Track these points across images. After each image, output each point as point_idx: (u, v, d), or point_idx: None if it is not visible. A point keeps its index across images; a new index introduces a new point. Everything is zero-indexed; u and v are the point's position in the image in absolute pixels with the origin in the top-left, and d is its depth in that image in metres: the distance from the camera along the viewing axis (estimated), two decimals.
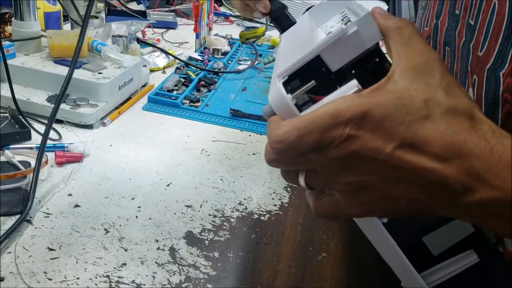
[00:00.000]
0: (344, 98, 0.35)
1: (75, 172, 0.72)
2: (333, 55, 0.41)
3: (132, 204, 0.66)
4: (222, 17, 1.60)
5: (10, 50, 0.89)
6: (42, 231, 0.59)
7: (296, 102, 0.40)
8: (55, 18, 1.12)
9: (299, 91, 0.41)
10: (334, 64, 0.40)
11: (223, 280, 0.56)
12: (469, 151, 0.33)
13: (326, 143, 0.35)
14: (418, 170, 0.34)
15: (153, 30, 1.40)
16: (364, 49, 0.40)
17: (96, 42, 0.97)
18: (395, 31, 0.38)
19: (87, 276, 0.54)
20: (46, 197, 0.66)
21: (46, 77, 0.87)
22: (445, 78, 0.36)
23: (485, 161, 0.33)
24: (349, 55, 0.40)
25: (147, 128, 0.88)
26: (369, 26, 0.40)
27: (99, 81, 0.87)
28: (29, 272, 0.53)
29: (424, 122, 0.34)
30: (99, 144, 0.80)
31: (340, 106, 0.35)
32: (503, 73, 0.45)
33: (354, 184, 0.36)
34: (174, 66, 1.15)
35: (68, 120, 0.84)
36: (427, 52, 0.37)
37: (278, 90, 0.40)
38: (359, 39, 0.40)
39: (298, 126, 0.35)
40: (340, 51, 0.40)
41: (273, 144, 0.37)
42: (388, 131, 0.34)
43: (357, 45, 0.40)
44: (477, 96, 0.47)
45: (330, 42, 0.40)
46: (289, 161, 0.38)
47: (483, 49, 0.47)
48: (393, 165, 0.34)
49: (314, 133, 0.35)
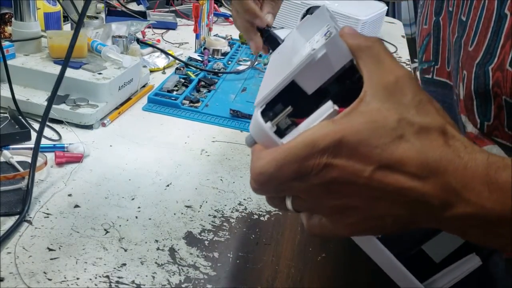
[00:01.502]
0: (319, 126, 0.36)
1: (75, 173, 0.72)
2: (306, 79, 0.41)
3: (132, 205, 0.66)
4: (222, 17, 1.61)
5: (10, 51, 0.89)
6: (42, 231, 0.59)
7: (276, 129, 0.41)
8: (55, 19, 1.12)
9: (277, 118, 0.41)
10: (309, 88, 0.41)
11: (223, 280, 0.56)
12: (444, 168, 0.34)
13: (305, 172, 0.35)
14: (397, 190, 0.34)
15: (153, 30, 1.40)
16: (336, 70, 0.41)
17: (96, 42, 0.97)
18: (364, 50, 0.39)
19: (87, 277, 0.54)
20: (46, 197, 0.66)
21: (46, 77, 0.87)
22: (416, 95, 0.36)
23: (460, 177, 0.34)
24: (322, 77, 0.41)
25: (147, 128, 0.88)
26: (338, 48, 0.40)
27: (99, 81, 0.87)
28: (29, 272, 0.53)
29: (398, 143, 0.34)
30: (99, 145, 0.80)
31: (316, 135, 0.35)
32: (491, 67, 0.45)
33: (338, 207, 0.37)
34: (174, 66, 1.15)
35: (68, 121, 0.84)
36: (397, 70, 0.37)
37: (257, 120, 0.41)
38: (329, 61, 0.40)
39: (276, 158, 0.36)
40: (313, 74, 0.41)
41: (254, 176, 0.38)
42: (364, 155, 0.34)
43: (328, 67, 0.41)
44: (466, 91, 0.48)
45: (301, 67, 0.40)
46: (272, 190, 0.39)
47: (473, 45, 0.47)
48: (373, 187, 0.35)
49: (292, 163, 0.36)
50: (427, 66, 0.58)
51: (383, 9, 1.56)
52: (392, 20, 1.91)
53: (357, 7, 1.47)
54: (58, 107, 0.83)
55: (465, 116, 0.48)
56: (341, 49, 0.40)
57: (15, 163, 0.70)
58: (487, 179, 0.34)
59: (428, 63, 0.58)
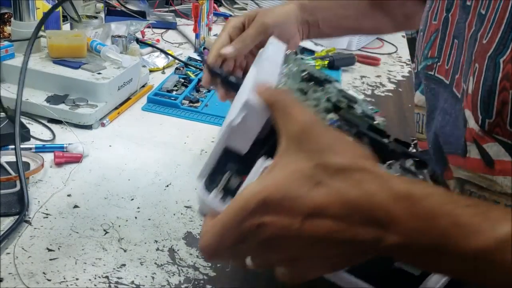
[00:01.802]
0: (248, 188, 0.38)
1: (74, 173, 0.72)
2: (235, 143, 0.44)
3: (131, 205, 0.66)
4: (221, 17, 1.60)
5: (9, 50, 0.89)
6: (41, 232, 0.59)
7: (224, 193, 0.44)
8: (54, 19, 1.12)
9: (219, 186, 0.44)
10: (242, 149, 0.44)
11: (223, 280, 0.56)
12: (368, 203, 0.35)
13: (244, 235, 0.37)
14: (328, 234, 0.36)
15: (152, 30, 1.40)
16: (259, 128, 0.43)
17: (95, 42, 0.97)
18: (273, 105, 0.41)
19: (86, 277, 0.54)
20: (45, 197, 0.65)
21: (45, 77, 0.87)
22: (325, 138, 0.38)
23: (384, 210, 0.35)
24: (248, 138, 0.43)
25: (147, 128, 0.88)
26: (253, 109, 0.42)
27: (98, 81, 0.86)
28: (28, 273, 0.53)
29: (317, 189, 0.36)
30: (98, 145, 0.80)
31: (245, 197, 0.37)
32: (503, 59, 0.45)
33: (285, 259, 0.39)
34: (173, 66, 1.15)
35: (67, 121, 0.84)
36: (302, 118, 0.39)
37: (198, 193, 0.44)
38: (249, 123, 0.43)
39: (216, 231, 0.38)
40: (239, 138, 0.43)
41: (201, 251, 0.40)
42: (290, 209, 0.36)
43: (251, 128, 0.43)
44: (475, 85, 0.47)
45: (226, 136, 0.43)
46: (225, 257, 0.41)
47: (487, 37, 0.47)
48: (306, 236, 0.36)
49: (230, 231, 0.38)
50: (431, 62, 0.58)
51: None
52: None
53: None
54: (57, 107, 0.83)
55: (470, 111, 0.48)
56: (257, 110, 0.42)
57: (5, 164, 0.69)
58: (411, 209, 0.34)
59: (432, 59, 0.58)
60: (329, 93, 0.53)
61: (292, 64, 0.58)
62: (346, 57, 1.29)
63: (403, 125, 1.01)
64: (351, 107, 0.52)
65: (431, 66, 0.58)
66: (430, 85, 0.58)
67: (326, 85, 0.55)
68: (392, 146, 0.46)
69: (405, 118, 1.05)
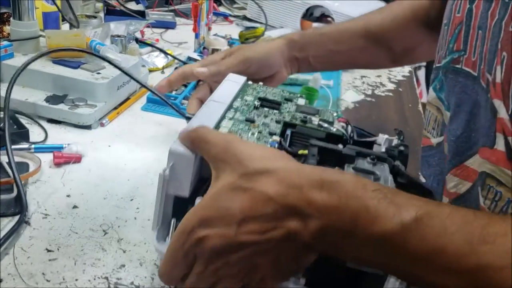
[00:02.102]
0: (187, 213, 0.42)
1: (74, 173, 0.71)
2: (174, 190, 0.48)
3: (131, 205, 0.66)
4: (221, 17, 1.60)
5: (9, 50, 0.89)
6: (40, 232, 0.59)
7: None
8: (53, 18, 1.12)
9: (170, 234, 0.49)
10: (183, 193, 0.48)
11: None
12: (287, 195, 0.38)
13: (189, 253, 0.41)
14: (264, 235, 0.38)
15: (152, 30, 1.40)
16: (191, 171, 0.47)
17: (94, 42, 0.97)
18: (194, 141, 0.46)
19: (86, 278, 0.53)
20: (44, 198, 0.65)
21: (44, 77, 0.87)
22: (243, 149, 0.42)
23: (303, 198, 0.37)
24: (185, 182, 0.47)
25: (146, 128, 0.87)
26: (179, 156, 0.46)
27: (98, 81, 0.86)
28: (27, 274, 0.53)
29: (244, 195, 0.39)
30: (98, 145, 0.80)
31: (184, 221, 0.41)
32: None
33: (240, 274, 0.40)
34: (173, 66, 1.15)
35: (66, 121, 0.83)
36: (219, 140, 0.44)
37: (154, 244, 0.49)
38: (179, 169, 0.47)
39: (166, 258, 0.43)
40: (175, 185, 0.48)
41: (162, 280, 0.45)
42: (224, 219, 0.39)
43: (183, 173, 0.47)
44: (505, 74, 0.47)
45: (161, 186, 0.48)
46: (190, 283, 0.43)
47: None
48: (245, 242, 0.39)
49: (177, 253, 0.41)
50: (457, 55, 0.57)
51: None
52: None
53: (357, 7, 1.46)
54: (57, 107, 0.83)
55: (500, 100, 0.47)
56: (183, 154, 0.46)
57: (6, 165, 0.68)
58: (326, 194, 0.37)
59: (458, 53, 0.57)
60: (284, 113, 0.58)
61: (249, 93, 0.63)
62: None
63: (403, 125, 1.01)
64: (304, 121, 0.56)
65: (458, 59, 0.57)
66: (457, 78, 0.57)
67: (284, 105, 0.60)
68: (346, 151, 0.49)
69: (405, 118, 1.05)
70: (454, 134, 0.56)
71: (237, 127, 0.54)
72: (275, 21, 1.53)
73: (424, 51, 0.82)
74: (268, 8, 1.53)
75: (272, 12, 1.53)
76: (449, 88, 0.59)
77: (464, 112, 0.55)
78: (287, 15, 1.51)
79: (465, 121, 0.55)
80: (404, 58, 0.86)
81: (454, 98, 0.57)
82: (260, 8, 1.54)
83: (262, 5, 1.54)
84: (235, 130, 0.53)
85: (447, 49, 0.60)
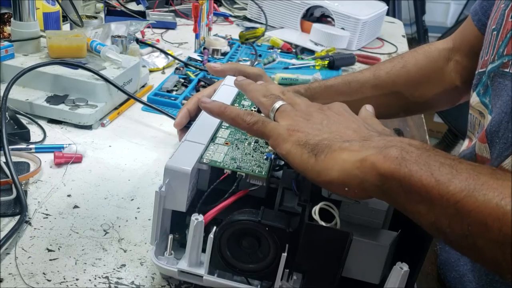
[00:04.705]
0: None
1: (74, 173, 0.72)
2: (171, 206, 0.49)
3: (131, 205, 0.66)
4: (221, 17, 1.60)
5: (9, 51, 0.89)
6: (41, 232, 0.59)
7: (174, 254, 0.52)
8: (54, 19, 1.12)
9: (168, 249, 0.51)
10: (180, 208, 0.49)
11: None
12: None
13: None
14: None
15: (152, 30, 1.40)
16: (187, 186, 0.47)
17: (95, 42, 0.97)
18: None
19: (86, 277, 0.54)
20: (45, 198, 0.65)
21: (45, 77, 0.87)
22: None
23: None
24: (182, 197, 0.48)
25: (147, 128, 0.88)
26: (174, 173, 0.47)
27: (98, 81, 0.86)
28: (28, 273, 0.53)
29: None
30: (98, 145, 0.80)
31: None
32: None
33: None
34: (173, 66, 1.15)
35: (67, 121, 0.83)
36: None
37: (151, 259, 0.51)
38: (175, 186, 0.48)
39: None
40: (172, 200, 0.48)
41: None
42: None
43: (179, 188, 0.48)
44: None
45: (158, 202, 0.48)
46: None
47: None
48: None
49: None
50: (507, 59, 0.58)
51: (383, 9, 1.56)
52: (393, 19, 1.91)
53: (357, 7, 1.47)
54: (57, 107, 0.83)
55: None
56: (178, 171, 0.47)
57: (4, 166, 0.69)
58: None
59: (508, 57, 0.58)
60: None
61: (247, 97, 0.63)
62: (346, 57, 1.29)
63: (404, 124, 1.01)
64: None
65: (507, 63, 0.58)
66: (505, 81, 0.58)
67: None
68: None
69: (405, 117, 1.05)
70: (497, 136, 0.57)
71: (233, 137, 0.55)
72: (275, 22, 1.54)
73: (441, 98, 0.81)
74: (268, 9, 1.53)
75: (272, 13, 1.54)
76: (495, 92, 0.59)
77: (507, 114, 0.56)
78: (287, 15, 1.51)
79: (506, 123, 0.55)
80: (416, 108, 0.83)
81: (500, 102, 0.58)
82: (260, 9, 1.54)
83: (262, 5, 1.54)
84: (231, 141, 0.55)
85: (496, 53, 0.60)
